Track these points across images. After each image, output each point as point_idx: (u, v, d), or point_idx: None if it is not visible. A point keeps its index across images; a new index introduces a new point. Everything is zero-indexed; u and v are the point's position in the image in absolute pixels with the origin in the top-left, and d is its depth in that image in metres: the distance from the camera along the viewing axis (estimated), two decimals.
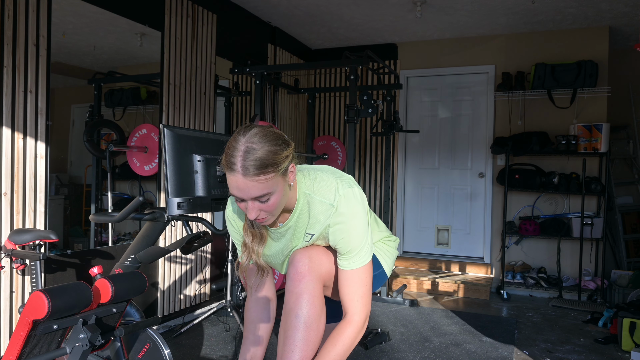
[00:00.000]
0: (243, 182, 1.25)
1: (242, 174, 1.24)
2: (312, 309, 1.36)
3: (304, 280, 1.37)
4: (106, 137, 3.39)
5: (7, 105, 2.41)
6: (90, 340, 1.58)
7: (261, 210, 1.31)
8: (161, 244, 3.45)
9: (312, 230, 1.44)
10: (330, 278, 1.47)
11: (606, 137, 4.48)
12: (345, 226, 1.38)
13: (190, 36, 3.65)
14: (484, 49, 5.08)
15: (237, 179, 1.25)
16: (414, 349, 3.22)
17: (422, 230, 5.46)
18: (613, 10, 4.22)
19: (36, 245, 2.30)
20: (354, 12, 4.39)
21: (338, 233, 1.39)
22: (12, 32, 2.42)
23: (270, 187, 1.28)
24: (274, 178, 1.27)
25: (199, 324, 3.55)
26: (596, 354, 3.20)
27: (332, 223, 1.39)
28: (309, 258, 1.40)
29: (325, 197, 1.39)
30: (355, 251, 1.40)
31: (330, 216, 1.38)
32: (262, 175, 1.25)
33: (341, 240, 1.39)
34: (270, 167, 1.25)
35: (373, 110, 3.70)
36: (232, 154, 1.26)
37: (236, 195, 1.29)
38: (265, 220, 1.35)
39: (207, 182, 1.77)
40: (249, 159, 1.24)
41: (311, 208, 1.41)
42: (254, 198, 1.28)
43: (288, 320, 1.37)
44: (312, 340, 1.36)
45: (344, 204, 1.37)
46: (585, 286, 4.56)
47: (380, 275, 1.63)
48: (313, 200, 1.40)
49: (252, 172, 1.24)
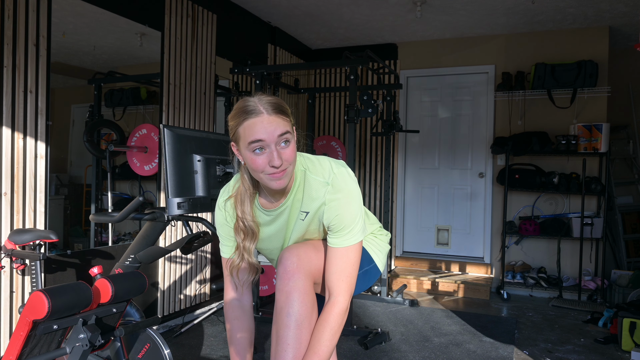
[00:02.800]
0: (268, 119, 1.30)
1: (267, 113, 1.30)
2: (302, 306, 1.35)
3: (293, 278, 1.36)
4: (106, 137, 3.39)
5: (7, 105, 2.41)
6: (90, 340, 1.58)
7: (283, 158, 1.32)
8: (161, 244, 3.45)
9: (307, 208, 1.44)
10: (320, 275, 1.45)
11: (606, 137, 4.48)
12: (339, 203, 1.40)
13: (190, 36, 3.65)
14: (484, 49, 5.08)
15: (262, 119, 1.30)
16: (414, 349, 3.22)
17: (422, 230, 5.46)
18: (613, 10, 4.23)
19: (36, 245, 2.30)
20: (354, 12, 4.40)
21: (332, 210, 1.40)
22: (12, 32, 2.42)
23: (289, 127, 1.34)
24: (289, 124, 1.35)
25: (199, 324, 3.55)
26: (596, 354, 3.20)
27: (327, 200, 1.41)
28: (297, 256, 1.39)
29: (320, 175, 1.42)
30: (348, 229, 1.41)
31: (325, 193, 1.40)
32: (282, 115, 1.32)
33: (335, 217, 1.40)
34: (284, 112, 1.34)
35: (373, 110, 3.70)
36: (247, 104, 1.33)
37: (260, 137, 1.29)
38: (285, 174, 1.34)
39: (207, 182, 1.77)
40: (264, 102, 1.32)
41: (306, 185, 1.43)
42: (279, 135, 1.30)
43: (279, 319, 1.36)
44: (304, 338, 1.35)
45: (339, 181, 1.40)
46: (585, 286, 4.57)
47: (373, 270, 1.62)
48: (308, 177, 1.43)
49: (272, 110, 1.31)
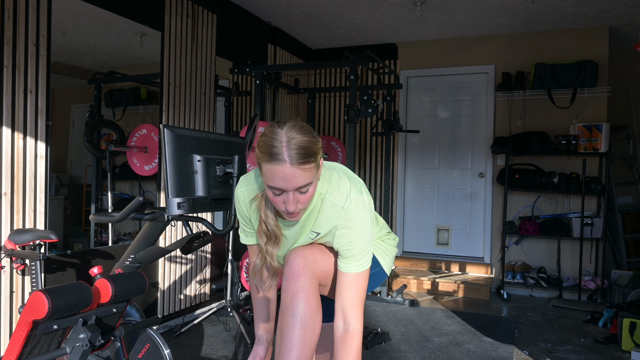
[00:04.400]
0: (290, 171, 1.25)
1: (290, 163, 1.25)
2: (307, 307, 1.37)
3: (299, 279, 1.38)
4: (106, 137, 3.39)
5: (7, 105, 2.41)
6: (90, 340, 1.58)
7: (299, 202, 1.32)
8: (161, 244, 3.45)
9: (319, 230, 1.46)
10: (326, 277, 1.47)
11: (606, 137, 4.48)
12: (351, 232, 1.41)
13: (190, 36, 3.65)
14: (484, 49, 5.08)
15: (284, 168, 1.25)
16: (414, 349, 3.22)
17: (422, 230, 5.46)
18: (613, 10, 4.22)
19: (36, 245, 2.30)
20: (354, 12, 4.39)
21: (344, 237, 1.42)
22: (12, 32, 2.42)
23: (311, 177, 1.30)
24: (313, 169, 1.30)
25: (199, 324, 3.55)
26: (596, 354, 3.20)
27: (339, 226, 1.41)
28: (304, 257, 1.41)
29: (337, 199, 1.41)
30: (357, 257, 1.43)
31: (339, 218, 1.41)
32: (307, 165, 1.27)
33: (346, 244, 1.42)
34: (311, 156, 1.28)
35: (373, 110, 3.70)
36: (274, 144, 1.26)
37: (279, 187, 1.28)
38: (299, 215, 1.36)
39: (207, 182, 1.77)
40: (293, 149, 1.25)
41: (322, 208, 1.44)
42: (298, 187, 1.29)
43: (284, 319, 1.38)
44: (308, 338, 1.36)
45: (354, 209, 1.40)
46: (585, 286, 4.56)
47: (379, 273, 1.63)
48: (326, 200, 1.43)
49: (297, 160, 1.25)
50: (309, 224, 1.47)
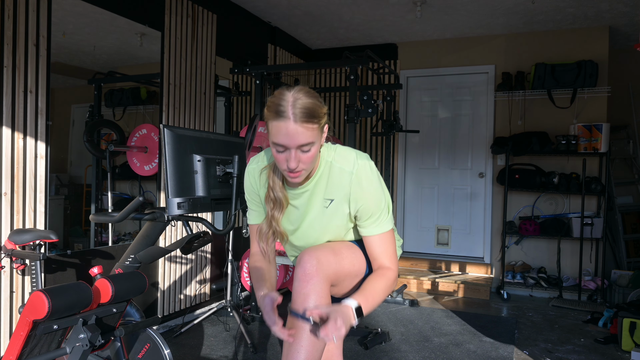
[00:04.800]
0: (293, 128, 1.33)
1: (293, 120, 1.33)
2: None
3: (312, 281, 1.38)
4: (106, 137, 3.39)
5: (7, 105, 2.41)
6: (90, 340, 1.58)
7: (300, 161, 1.38)
8: (161, 244, 3.45)
9: (332, 196, 1.50)
10: (337, 278, 1.48)
11: (606, 137, 4.48)
12: (363, 192, 1.46)
13: (190, 36, 3.65)
14: (484, 49, 5.08)
15: (288, 125, 1.33)
16: (414, 349, 3.21)
17: (422, 230, 5.46)
18: (613, 10, 4.22)
19: (36, 245, 2.30)
20: (354, 12, 4.39)
21: (358, 200, 1.47)
22: (12, 32, 2.42)
23: (313, 137, 1.37)
24: (316, 130, 1.37)
25: (199, 324, 3.55)
26: (596, 354, 3.20)
27: (352, 191, 1.46)
28: (317, 259, 1.41)
29: (344, 165, 1.48)
30: (375, 217, 1.48)
31: (350, 182, 1.46)
32: (309, 124, 1.35)
33: (361, 207, 1.48)
34: (315, 117, 1.36)
35: (373, 110, 3.70)
36: (280, 103, 1.35)
37: (282, 143, 1.35)
38: (300, 175, 1.42)
39: (207, 182, 1.77)
40: (297, 107, 1.34)
41: (331, 174, 1.49)
42: (300, 145, 1.35)
43: (294, 320, 1.37)
44: (317, 341, 1.37)
45: (362, 173, 1.46)
46: (585, 286, 4.56)
47: None
48: (333, 167, 1.49)
49: (301, 118, 1.33)
50: (319, 191, 1.51)
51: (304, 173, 1.42)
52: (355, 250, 1.55)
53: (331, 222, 1.52)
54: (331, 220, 1.52)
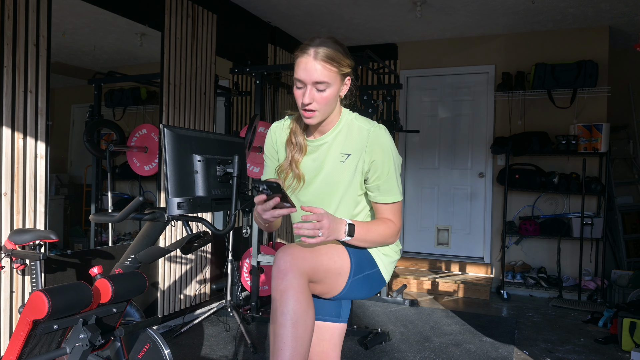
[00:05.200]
0: (312, 64, 1.45)
1: (313, 56, 1.45)
2: (297, 304, 1.35)
3: (287, 277, 1.37)
4: (106, 137, 3.39)
5: (7, 105, 2.41)
6: (91, 340, 1.58)
7: (314, 100, 1.47)
8: (161, 244, 3.45)
9: (349, 150, 1.55)
10: (316, 274, 1.45)
11: (606, 137, 4.48)
12: (377, 151, 1.52)
13: (190, 36, 3.65)
14: (484, 49, 5.08)
15: (307, 60, 1.45)
16: (414, 349, 3.22)
17: (422, 230, 5.46)
18: (613, 10, 4.23)
19: (36, 245, 2.30)
20: (354, 12, 4.39)
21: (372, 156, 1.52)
22: (12, 32, 2.42)
23: (330, 78, 1.46)
24: (335, 75, 1.47)
25: (199, 324, 3.55)
26: (596, 354, 3.20)
27: (368, 144, 1.52)
28: (291, 255, 1.40)
29: (363, 124, 1.56)
30: (384, 185, 1.53)
31: (367, 138, 1.52)
32: (328, 64, 1.45)
33: (373, 165, 1.52)
34: (334, 61, 1.46)
35: (373, 110, 3.70)
36: (308, 43, 1.48)
37: (300, 77, 1.47)
38: (314, 116, 1.50)
39: (207, 182, 1.77)
40: (320, 49, 1.46)
41: (350, 130, 1.57)
42: (314, 82, 1.45)
43: (275, 318, 1.36)
44: (301, 336, 1.35)
45: (380, 132, 1.53)
46: (585, 286, 4.56)
47: (376, 276, 1.59)
48: (353, 124, 1.57)
49: (321, 56, 1.45)
50: (337, 145, 1.56)
51: (317, 115, 1.50)
52: (338, 247, 1.52)
53: (344, 177, 1.55)
54: (345, 176, 1.55)
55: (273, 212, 1.42)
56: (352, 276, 1.52)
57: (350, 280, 1.52)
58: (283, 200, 1.41)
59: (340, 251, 1.52)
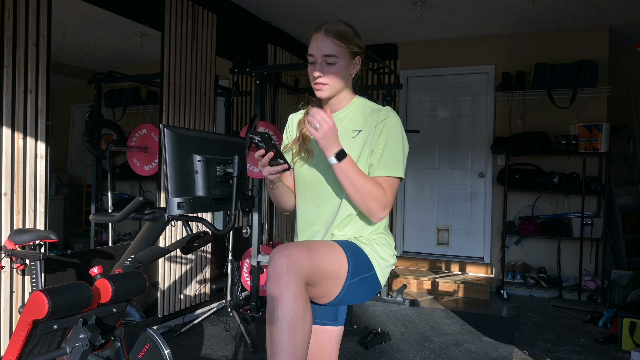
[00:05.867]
0: (322, 39, 1.55)
1: (324, 33, 1.55)
2: (294, 308, 1.31)
3: (283, 280, 1.32)
4: (106, 137, 3.39)
5: (7, 105, 2.41)
6: (91, 340, 1.58)
7: (324, 74, 1.56)
8: (161, 244, 3.45)
9: (360, 127, 1.62)
10: (313, 276, 1.40)
11: (606, 137, 4.48)
12: (386, 128, 1.57)
13: (190, 36, 3.65)
14: (484, 49, 5.08)
15: (319, 36, 1.56)
16: (414, 349, 3.22)
17: (422, 230, 5.46)
18: (613, 10, 4.22)
19: (36, 245, 2.30)
20: (354, 12, 4.39)
21: (381, 133, 1.57)
22: (12, 32, 2.42)
23: (339, 53, 1.55)
24: (344, 50, 1.56)
25: (199, 324, 3.55)
26: (596, 354, 3.20)
27: (378, 121, 1.58)
28: (288, 256, 1.34)
29: (376, 106, 1.65)
30: (386, 156, 1.55)
31: (378, 117, 1.59)
32: (338, 41, 1.55)
33: (379, 140, 1.57)
34: (344, 38, 1.56)
35: None
36: (321, 23, 1.59)
37: (311, 52, 1.56)
38: (324, 89, 1.58)
39: (207, 182, 1.77)
40: (331, 26, 1.57)
41: (363, 109, 1.65)
42: (324, 55, 1.54)
43: (272, 322, 1.32)
44: (298, 340, 1.31)
45: (391, 114, 1.60)
46: (585, 286, 4.56)
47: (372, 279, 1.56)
48: (367, 105, 1.66)
49: (331, 33, 1.55)
50: (350, 121, 1.63)
51: (327, 88, 1.58)
52: (336, 248, 1.48)
53: (354, 152, 1.58)
54: (354, 150, 1.58)
55: (270, 169, 1.48)
56: (349, 279, 1.48)
57: (347, 283, 1.48)
58: (278, 157, 1.45)
59: (338, 253, 1.48)
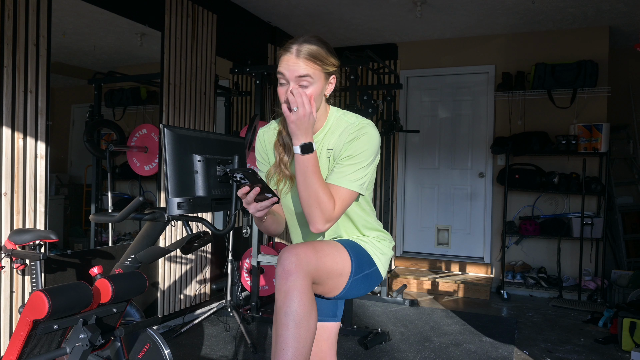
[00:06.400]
0: (294, 61, 1.45)
1: (295, 54, 1.45)
2: (301, 306, 1.35)
3: (291, 278, 1.36)
4: (106, 137, 3.39)
5: (7, 105, 2.41)
6: (91, 340, 1.58)
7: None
8: (161, 244, 3.45)
9: (332, 146, 1.55)
10: (319, 275, 1.45)
11: (606, 137, 4.48)
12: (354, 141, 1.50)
13: (190, 36, 3.65)
14: (484, 49, 5.08)
15: (289, 58, 1.46)
16: (414, 349, 3.22)
17: (422, 230, 5.46)
18: (613, 10, 4.22)
19: (36, 245, 2.30)
20: (354, 12, 4.39)
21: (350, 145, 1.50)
22: (12, 32, 2.42)
23: (313, 75, 1.46)
24: (318, 72, 1.47)
25: (199, 324, 3.55)
26: (596, 354, 3.20)
27: (347, 139, 1.51)
28: (297, 255, 1.39)
29: (351, 119, 1.56)
30: (347, 168, 1.49)
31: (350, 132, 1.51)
32: (311, 62, 1.45)
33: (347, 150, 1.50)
34: (317, 59, 1.46)
35: (373, 110, 3.70)
36: (291, 41, 1.49)
37: (282, 71, 1.46)
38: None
39: (207, 182, 1.77)
40: (303, 46, 1.46)
41: (338, 127, 1.56)
42: (297, 77, 1.45)
43: (278, 318, 1.36)
44: (303, 337, 1.35)
45: (365, 127, 1.52)
46: (585, 286, 4.56)
47: (374, 274, 1.61)
48: (341, 120, 1.57)
49: (303, 55, 1.45)
50: (326, 144, 1.56)
51: None
52: (339, 248, 1.53)
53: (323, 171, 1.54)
54: (324, 170, 1.54)
55: (257, 205, 1.40)
56: (352, 276, 1.53)
57: (351, 280, 1.53)
58: (264, 191, 1.37)
59: (342, 252, 1.52)
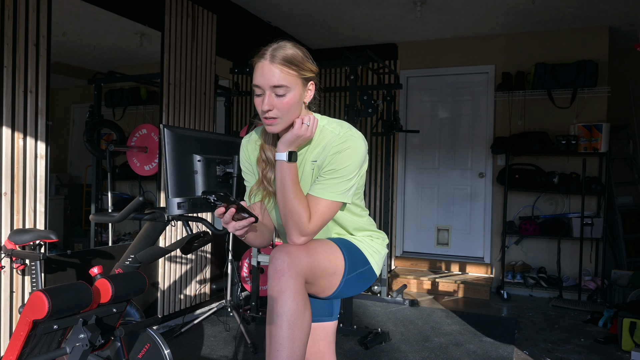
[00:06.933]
0: (268, 67, 1.39)
1: (269, 60, 1.39)
2: (294, 306, 1.34)
3: (284, 278, 1.35)
4: (106, 137, 3.39)
5: (7, 105, 2.41)
6: (91, 340, 1.58)
7: (274, 106, 1.39)
8: (161, 244, 3.45)
9: (317, 158, 1.49)
10: (312, 274, 1.43)
11: (606, 137, 4.48)
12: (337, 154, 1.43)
13: (190, 36, 3.65)
14: (484, 49, 5.08)
15: (263, 65, 1.40)
16: (414, 349, 3.22)
17: (422, 230, 5.46)
18: (613, 10, 4.23)
19: (36, 245, 2.30)
20: (354, 12, 4.39)
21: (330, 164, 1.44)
22: (12, 32, 2.42)
23: (289, 82, 1.39)
24: (295, 78, 1.41)
25: (199, 324, 3.55)
26: (596, 354, 3.20)
27: (332, 150, 1.44)
28: (288, 254, 1.38)
29: (335, 129, 1.48)
30: (331, 184, 1.43)
31: (334, 144, 1.44)
32: (286, 68, 1.38)
33: (328, 170, 1.43)
34: (293, 64, 1.40)
35: (373, 110, 3.70)
36: (265, 47, 1.43)
37: (257, 83, 1.40)
38: (275, 123, 1.42)
39: (207, 182, 1.77)
40: (278, 51, 1.40)
41: (321, 137, 1.49)
42: (272, 86, 1.38)
43: (271, 319, 1.35)
44: (297, 337, 1.34)
45: (348, 142, 1.44)
46: (585, 286, 4.56)
47: (368, 272, 1.60)
48: (325, 130, 1.50)
49: (278, 60, 1.38)
50: (310, 156, 1.50)
51: (279, 122, 1.42)
52: (332, 246, 1.51)
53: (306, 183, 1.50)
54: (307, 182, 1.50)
55: (235, 225, 1.33)
56: (346, 275, 1.51)
57: (345, 279, 1.51)
58: (240, 211, 1.31)
59: (335, 250, 1.51)
